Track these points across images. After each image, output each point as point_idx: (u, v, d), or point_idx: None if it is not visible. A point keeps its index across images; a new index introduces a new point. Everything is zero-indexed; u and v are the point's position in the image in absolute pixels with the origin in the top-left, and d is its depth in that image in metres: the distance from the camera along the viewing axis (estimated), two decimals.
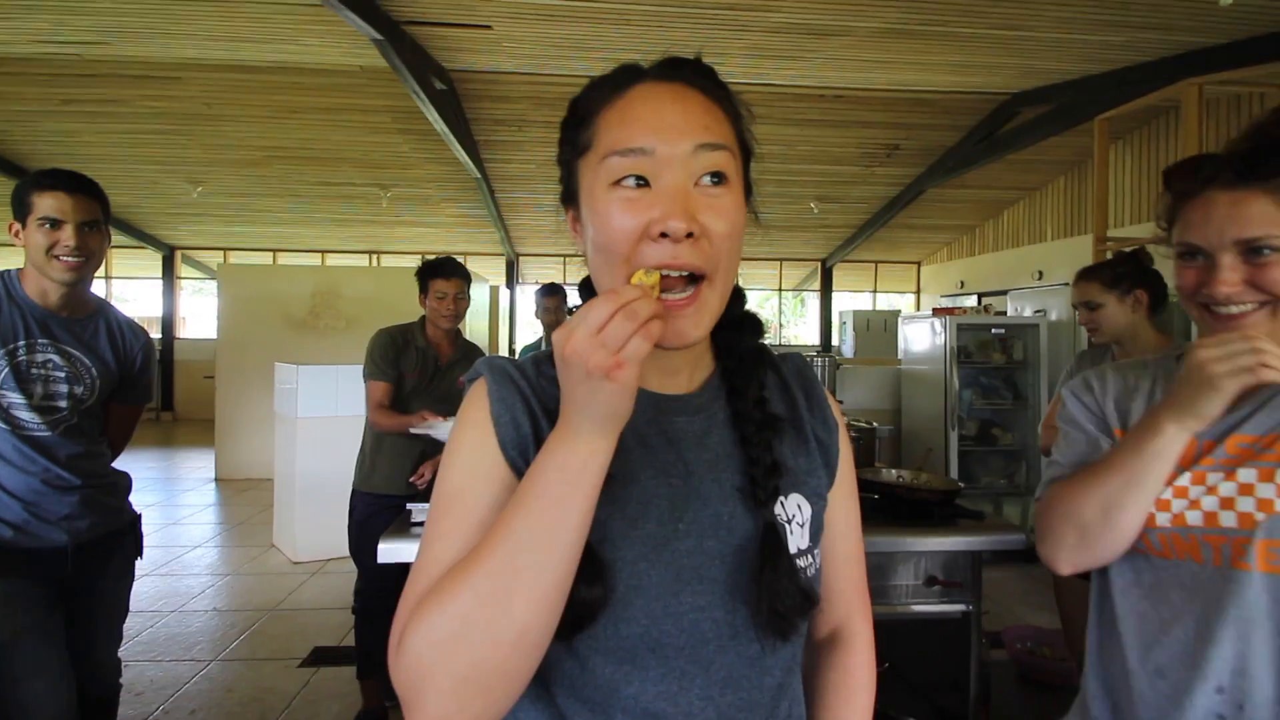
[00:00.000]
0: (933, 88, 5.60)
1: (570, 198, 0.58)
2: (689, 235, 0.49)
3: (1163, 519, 0.78)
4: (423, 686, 0.44)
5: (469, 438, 0.55)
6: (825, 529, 0.64)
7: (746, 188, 0.58)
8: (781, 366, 0.66)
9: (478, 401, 0.56)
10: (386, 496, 2.30)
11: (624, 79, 0.55)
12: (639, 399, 0.58)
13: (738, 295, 0.63)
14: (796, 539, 0.58)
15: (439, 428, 2.15)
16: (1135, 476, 0.77)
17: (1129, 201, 6.62)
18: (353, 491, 2.41)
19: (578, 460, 0.46)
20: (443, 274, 2.37)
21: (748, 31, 4.53)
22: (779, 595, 0.52)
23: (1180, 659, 0.76)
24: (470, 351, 2.57)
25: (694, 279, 0.51)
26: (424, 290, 2.40)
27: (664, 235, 0.50)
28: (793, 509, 0.58)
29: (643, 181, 0.51)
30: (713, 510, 0.56)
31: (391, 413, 2.30)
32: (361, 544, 2.32)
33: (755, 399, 0.59)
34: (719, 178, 0.52)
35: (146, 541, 1.76)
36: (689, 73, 0.56)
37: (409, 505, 1.79)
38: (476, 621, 0.44)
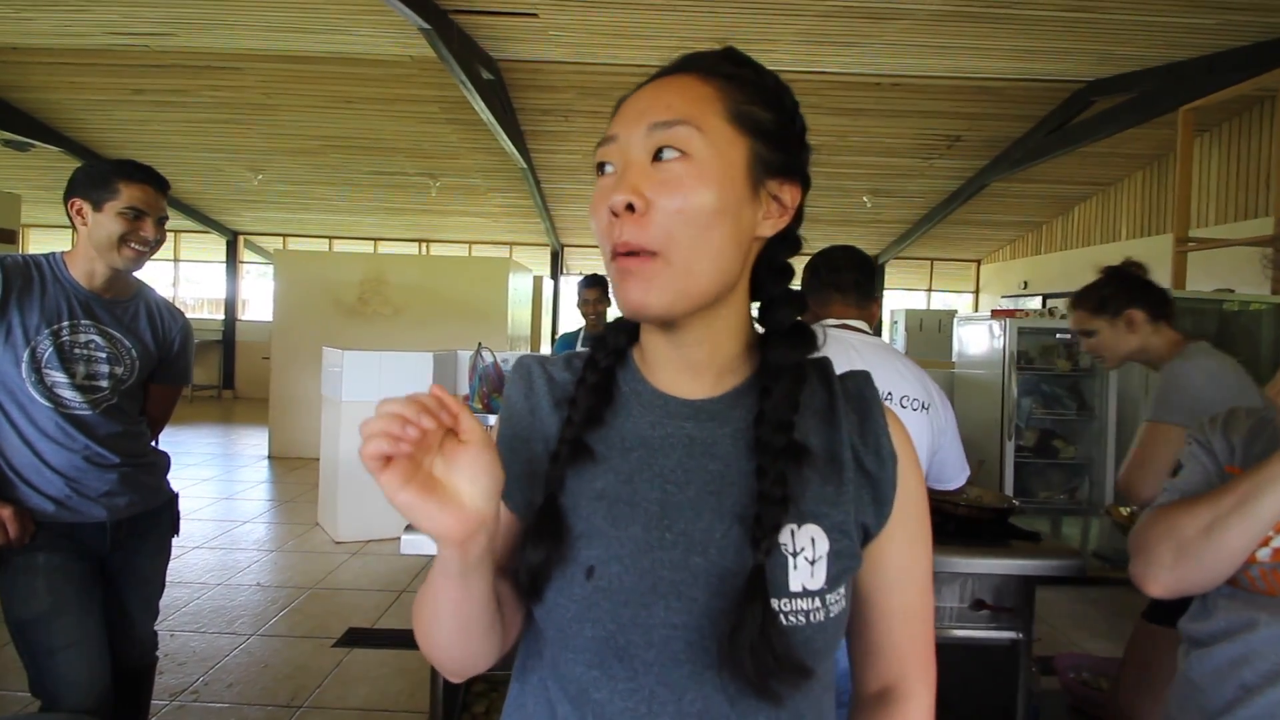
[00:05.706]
0: (998, 75, 5.30)
1: None
2: (630, 208, 0.50)
3: (1263, 554, 0.78)
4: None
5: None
6: (877, 575, 0.58)
7: (758, 168, 0.53)
8: (835, 384, 0.58)
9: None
10: None
11: (649, 79, 0.56)
12: (648, 398, 0.56)
13: (795, 302, 0.57)
14: (802, 575, 0.51)
15: None
16: (1248, 497, 0.76)
17: (1215, 200, 6.16)
18: None
19: (439, 557, 0.49)
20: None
21: (799, 16, 4.38)
22: (745, 655, 0.46)
23: (1268, 678, 0.78)
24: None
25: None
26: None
27: (614, 214, 0.51)
28: (804, 541, 0.52)
29: (614, 168, 0.53)
30: (705, 525, 0.52)
31: None
32: None
33: (778, 423, 0.52)
34: (673, 152, 0.50)
35: (201, 514, 1.80)
36: (702, 61, 0.54)
37: None
38: (420, 627, 0.55)
